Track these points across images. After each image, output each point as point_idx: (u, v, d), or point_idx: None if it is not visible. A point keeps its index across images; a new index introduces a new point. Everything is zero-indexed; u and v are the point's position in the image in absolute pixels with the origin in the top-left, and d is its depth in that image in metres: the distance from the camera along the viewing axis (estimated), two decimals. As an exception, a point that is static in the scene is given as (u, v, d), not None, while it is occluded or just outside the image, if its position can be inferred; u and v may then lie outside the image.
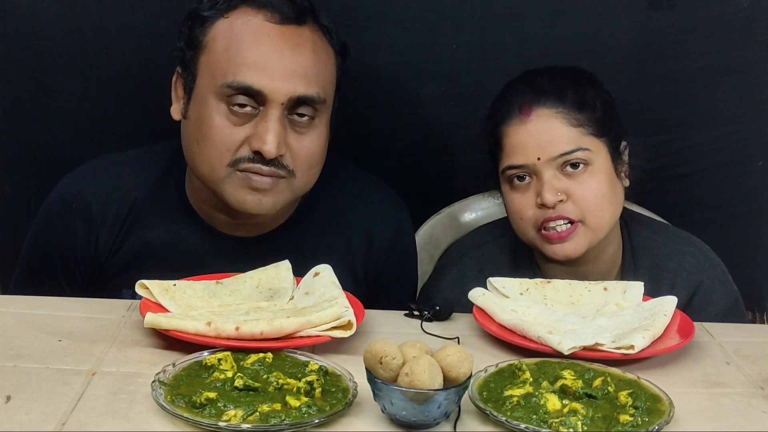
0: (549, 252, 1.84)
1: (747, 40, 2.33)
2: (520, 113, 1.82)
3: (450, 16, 2.28)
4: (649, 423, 1.32)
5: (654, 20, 2.30)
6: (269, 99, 1.68)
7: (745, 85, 2.36)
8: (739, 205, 2.44)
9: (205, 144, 1.72)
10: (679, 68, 2.32)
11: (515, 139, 1.82)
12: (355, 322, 1.56)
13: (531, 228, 1.85)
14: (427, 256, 2.22)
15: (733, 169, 2.41)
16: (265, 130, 1.68)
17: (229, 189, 1.72)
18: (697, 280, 1.91)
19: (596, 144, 1.82)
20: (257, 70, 1.68)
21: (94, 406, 1.33)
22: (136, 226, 1.84)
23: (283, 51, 1.70)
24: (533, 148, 1.80)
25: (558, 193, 1.80)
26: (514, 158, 1.82)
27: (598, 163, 1.82)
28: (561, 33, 2.30)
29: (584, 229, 1.82)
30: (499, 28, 2.29)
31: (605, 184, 1.82)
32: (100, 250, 1.84)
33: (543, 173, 1.80)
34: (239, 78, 1.68)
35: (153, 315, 1.53)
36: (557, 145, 1.80)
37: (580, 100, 1.82)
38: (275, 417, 1.29)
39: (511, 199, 1.87)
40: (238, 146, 1.70)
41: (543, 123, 1.81)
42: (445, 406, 1.30)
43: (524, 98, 1.83)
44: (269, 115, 1.69)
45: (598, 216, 1.82)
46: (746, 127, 2.39)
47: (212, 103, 1.71)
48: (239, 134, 1.70)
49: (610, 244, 1.92)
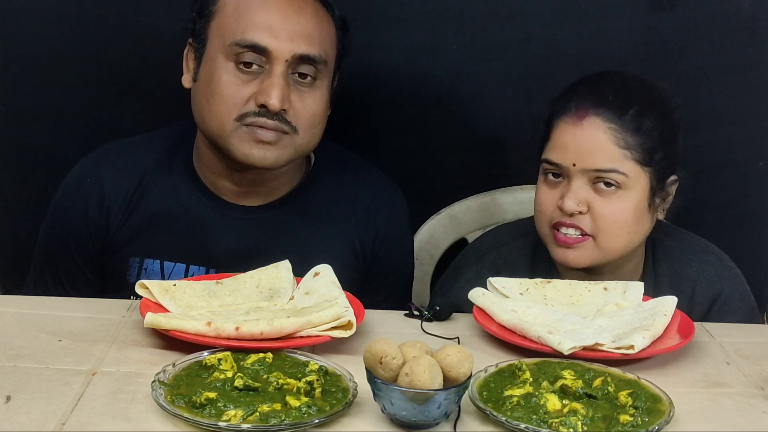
0: (553, 253, 1.85)
1: (748, 40, 2.32)
2: (575, 113, 1.80)
3: (451, 16, 2.28)
4: (649, 423, 1.32)
5: (655, 21, 2.30)
6: (274, 56, 1.77)
7: (746, 86, 2.36)
8: (740, 206, 2.44)
9: (214, 100, 1.80)
10: (681, 68, 2.32)
11: (560, 137, 1.81)
12: (355, 322, 1.56)
13: (546, 224, 1.85)
14: (427, 256, 2.22)
15: (734, 170, 2.41)
16: (270, 85, 1.77)
17: (236, 143, 1.80)
18: (716, 289, 1.90)
19: (637, 171, 1.79)
20: (263, 29, 1.78)
21: (94, 406, 1.33)
22: (144, 197, 1.91)
23: (288, 12, 1.80)
24: (573, 153, 1.79)
25: (579, 204, 1.79)
26: (553, 155, 1.82)
27: (632, 191, 1.79)
28: (563, 33, 2.30)
29: (593, 245, 1.80)
30: (500, 29, 2.29)
31: (631, 212, 1.80)
32: (111, 222, 1.90)
33: (573, 179, 1.79)
34: (247, 36, 1.78)
35: (153, 315, 1.53)
36: (596, 158, 1.77)
37: (637, 124, 1.78)
38: (275, 417, 1.29)
39: (540, 190, 1.87)
40: (245, 101, 1.79)
41: (591, 132, 1.78)
42: (445, 406, 1.30)
43: (585, 99, 1.80)
44: (274, 72, 1.77)
45: (611, 239, 1.80)
46: (748, 127, 2.39)
47: (221, 62, 1.80)
48: (246, 90, 1.79)
49: (632, 260, 1.90)
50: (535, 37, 2.30)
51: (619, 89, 1.82)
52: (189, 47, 1.88)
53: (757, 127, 2.38)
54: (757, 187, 2.43)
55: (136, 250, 1.89)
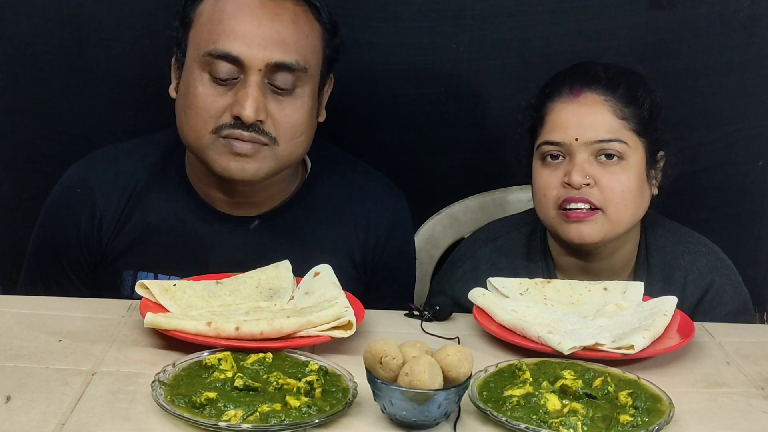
0: (565, 232, 1.83)
1: (747, 39, 2.32)
2: (570, 92, 1.84)
3: (450, 15, 2.28)
4: (649, 423, 1.33)
5: (654, 19, 2.30)
6: (247, 65, 1.73)
7: (745, 85, 2.36)
8: (740, 205, 2.44)
9: (191, 112, 1.77)
10: (680, 68, 2.32)
11: (558, 116, 1.84)
12: (355, 322, 1.56)
13: (552, 207, 1.85)
14: (427, 256, 2.22)
15: (733, 169, 2.41)
16: (244, 96, 1.73)
17: (213, 156, 1.77)
18: (708, 280, 1.91)
19: (635, 141, 1.83)
20: (236, 38, 1.73)
21: (94, 406, 1.33)
22: (137, 208, 1.88)
23: (261, 20, 1.75)
24: (574, 128, 1.82)
25: (587, 177, 1.81)
26: (553, 134, 1.84)
27: (632, 160, 1.83)
28: (561, 32, 2.30)
29: (603, 218, 1.82)
30: (499, 28, 2.29)
31: (634, 181, 1.83)
32: (102, 234, 1.87)
33: (576, 154, 1.81)
34: (219, 46, 1.73)
35: (153, 315, 1.53)
36: (598, 130, 1.81)
37: (629, 95, 1.84)
38: (275, 417, 1.29)
39: (540, 175, 1.87)
40: (220, 113, 1.75)
41: (589, 106, 1.82)
42: (445, 406, 1.30)
43: (576, 80, 1.86)
44: (248, 82, 1.73)
45: (620, 209, 1.82)
46: (747, 126, 2.39)
47: (196, 72, 1.76)
48: (221, 102, 1.75)
49: (627, 244, 1.92)
50: (534, 36, 2.30)
51: (606, 68, 1.88)
52: (175, 56, 1.85)
53: (756, 126, 2.38)
54: (757, 186, 2.43)
55: (130, 263, 1.86)
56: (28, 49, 2.28)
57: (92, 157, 1.95)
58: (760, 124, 2.38)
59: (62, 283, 1.89)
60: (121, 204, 1.87)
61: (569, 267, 1.92)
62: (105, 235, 1.87)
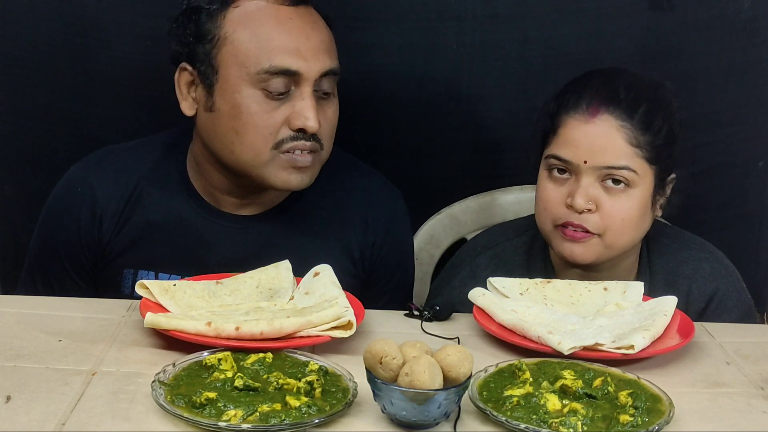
0: (559, 248, 1.83)
1: (748, 41, 2.32)
2: (586, 110, 1.79)
3: (451, 16, 2.28)
4: (649, 423, 1.32)
5: (655, 21, 2.30)
6: (304, 77, 1.75)
7: (746, 86, 2.36)
8: (740, 206, 2.44)
9: (247, 131, 1.76)
10: (680, 69, 2.32)
11: (571, 133, 1.80)
12: (355, 322, 1.56)
13: (550, 222, 1.84)
14: (427, 256, 2.22)
15: (734, 170, 2.41)
16: (304, 107, 1.75)
17: (273, 171, 1.78)
18: (713, 287, 1.89)
19: (645, 169, 1.79)
20: (290, 52, 1.75)
21: (94, 406, 1.33)
22: (138, 207, 1.88)
23: (307, 31, 1.78)
24: (584, 150, 1.78)
25: (589, 201, 1.78)
26: (563, 151, 1.80)
27: (639, 189, 1.79)
28: (562, 33, 2.30)
29: (599, 241, 1.80)
30: (500, 29, 2.29)
31: (637, 210, 1.80)
32: (103, 232, 1.88)
33: (583, 177, 1.78)
34: (276, 62, 1.74)
35: (153, 315, 1.53)
36: (609, 156, 1.77)
37: (647, 121, 1.79)
38: (275, 417, 1.29)
39: (544, 187, 1.85)
40: (278, 128, 1.76)
41: (604, 129, 1.77)
42: (445, 406, 1.30)
43: (595, 97, 1.80)
44: (305, 93, 1.76)
45: (617, 236, 1.80)
46: (747, 128, 2.39)
47: (248, 91, 1.75)
48: (278, 116, 1.76)
49: (629, 257, 1.91)
50: (535, 37, 2.30)
51: (629, 87, 1.82)
52: (184, 73, 1.81)
53: (756, 127, 2.38)
54: (757, 187, 2.43)
55: (130, 262, 1.87)
56: (30, 50, 2.28)
57: (93, 156, 1.96)
58: (760, 125, 2.38)
59: (63, 282, 1.90)
60: (121, 203, 1.88)
61: (569, 276, 1.90)
62: (105, 234, 1.88)
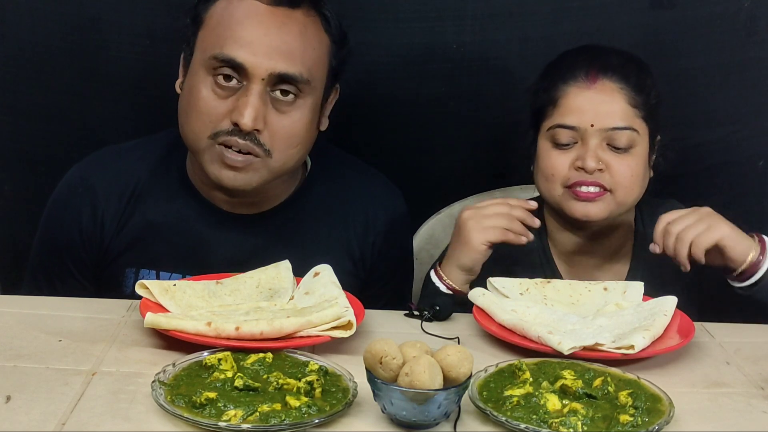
0: (571, 209, 1.88)
1: (748, 39, 2.32)
2: (585, 78, 1.87)
3: (450, 15, 2.28)
4: (649, 423, 1.32)
5: (655, 19, 2.30)
6: (250, 73, 1.73)
7: (746, 85, 2.36)
8: (740, 206, 2.43)
9: (192, 114, 1.77)
10: (680, 67, 2.32)
11: (574, 101, 1.87)
12: (355, 322, 1.56)
13: (560, 185, 1.88)
14: (427, 256, 2.21)
15: (734, 169, 2.41)
16: (244, 103, 1.73)
17: (208, 161, 1.78)
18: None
19: (643, 128, 1.89)
20: (242, 44, 1.73)
21: (94, 406, 1.33)
22: (138, 206, 1.89)
23: (269, 28, 1.75)
24: (590, 114, 1.85)
25: (599, 162, 1.85)
26: (569, 118, 1.87)
27: (640, 147, 1.88)
28: (562, 32, 2.30)
29: (611, 198, 1.87)
30: (499, 27, 2.29)
31: (641, 167, 1.89)
32: (104, 232, 1.88)
33: (590, 140, 1.85)
34: (225, 51, 1.73)
35: (153, 315, 1.53)
36: (613, 117, 1.85)
37: (640, 83, 1.89)
38: (275, 417, 1.29)
39: (548, 156, 1.90)
40: (220, 119, 1.75)
41: (605, 93, 1.86)
42: (445, 406, 1.30)
43: (591, 65, 1.89)
44: (250, 90, 1.73)
45: (627, 193, 1.88)
46: (747, 126, 2.39)
47: (201, 75, 1.77)
48: (222, 107, 1.75)
49: (622, 225, 1.97)
50: (535, 36, 2.30)
51: (617, 54, 1.93)
52: (183, 53, 1.85)
53: (756, 126, 2.38)
54: (757, 186, 2.43)
55: (132, 261, 1.87)
56: (29, 50, 2.28)
57: (94, 156, 1.96)
58: (760, 124, 2.38)
59: (66, 281, 1.90)
60: (122, 202, 1.88)
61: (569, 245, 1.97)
62: (107, 233, 1.88)
